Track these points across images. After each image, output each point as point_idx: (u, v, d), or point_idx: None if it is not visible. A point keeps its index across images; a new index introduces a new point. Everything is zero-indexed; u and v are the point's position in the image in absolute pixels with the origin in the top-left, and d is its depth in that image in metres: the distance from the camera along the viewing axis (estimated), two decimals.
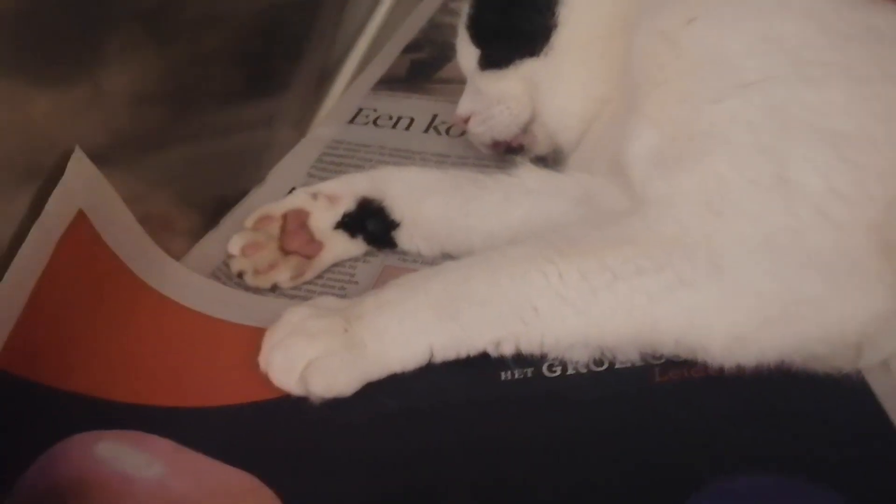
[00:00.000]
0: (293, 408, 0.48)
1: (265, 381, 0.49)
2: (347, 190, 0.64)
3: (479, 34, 0.67)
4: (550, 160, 0.67)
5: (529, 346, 0.49)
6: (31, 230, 0.47)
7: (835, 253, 0.45)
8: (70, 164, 0.51)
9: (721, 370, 0.47)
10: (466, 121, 0.69)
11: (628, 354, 0.50)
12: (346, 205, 0.63)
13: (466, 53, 0.69)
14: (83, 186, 0.52)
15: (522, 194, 0.60)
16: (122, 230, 0.55)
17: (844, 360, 0.47)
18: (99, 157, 0.55)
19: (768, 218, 0.46)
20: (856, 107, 0.47)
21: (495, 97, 0.66)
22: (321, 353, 0.48)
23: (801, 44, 0.50)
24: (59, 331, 0.50)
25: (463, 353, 0.49)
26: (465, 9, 0.69)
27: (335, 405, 0.48)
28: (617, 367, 0.50)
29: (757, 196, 0.47)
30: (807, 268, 0.45)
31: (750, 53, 0.50)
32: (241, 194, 0.72)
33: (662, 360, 0.50)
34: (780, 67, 0.49)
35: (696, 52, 0.52)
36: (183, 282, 0.59)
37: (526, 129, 0.67)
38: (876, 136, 0.46)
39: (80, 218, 0.51)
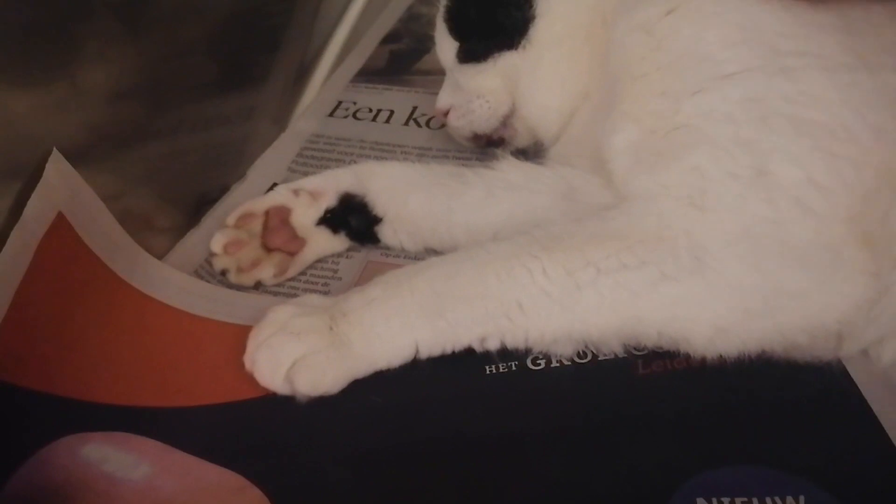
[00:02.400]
0: (279, 406, 0.48)
1: (250, 379, 0.49)
2: (329, 185, 0.64)
3: (456, 27, 0.67)
4: (531, 153, 0.67)
5: (514, 341, 0.49)
6: (12, 234, 0.47)
7: (815, 244, 0.46)
8: (48, 166, 0.50)
9: (703, 361, 0.48)
10: (446, 114, 0.69)
11: (612, 347, 0.50)
12: (329, 201, 0.63)
13: (445, 46, 0.68)
14: (62, 188, 0.51)
15: (505, 189, 0.61)
16: (102, 231, 0.55)
17: (825, 349, 0.48)
18: (77, 156, 0.54)
19: (748, 211, 0.47)
20: (832, 97, 0.48)
21: (474, 91, 0.66)
22: (307, 352, 0.48)
23: (777, 34, 0.50)
24: (42, 334, 0.49)
25: (448, 350, 0.50)
26: (442, 1, 0.69)
27: (321, 403, 0.48)
28: (600, 359, 0.51)
29: (737, 189, 0.47)
30: (787, 259, 0.46)
31: (727, 45, 0.51)
32: (222, 190, 0.72)
33: (645, 352, 0.50)
34: (757, 59, 0.50)
35: (675, 45, 0.52)
36: (165, 280, 0.58)
37: (506, 122, 0.67)
38: (852, 126, 0.47)
39: (60, 220, 0.51)
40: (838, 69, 0.48)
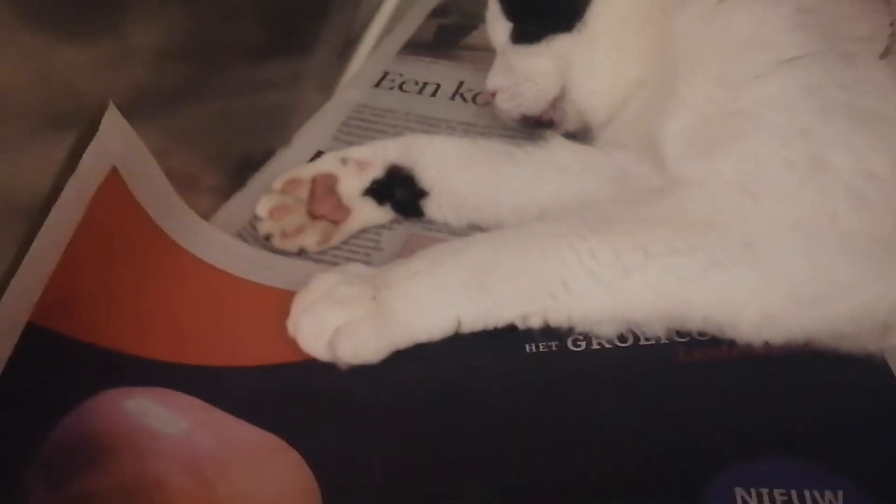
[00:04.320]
0: (319, 372, 0.49)
1: (291, 343, 0.49)
2: (377, 156, 0.63)
3: (511, 8, 0.66)
4: (579, 135, 0.66)
5: (557, 320, 0.49)
6: (67, 185, 0.47)
7: (868, 235, 0.45)
8: (104, 119, 0.51)
9: (746, 351, 0.48)
10: (494, 95, 0.68)
11: (656, 330, 0.50)
12: (376, 171, 0.63)
13: (497, 26, 0.68)
14: (117, 142, 0.52)
15: (554, 169, 0.60)
16: (153, 187, 0.55)
17: (871, 339, 0.47)
18: (125, 112, 0.54)
19: (803, 200, 0.46)
20: (891, 85, 0.47)
21: (525, 72, 0.66)
22: (350, 320, 0.49)
23: (837, 17, 0.49)
24: (91, 286, 0.50)
25: (490, 325, 0.49)
26: None
27: (361, 371, 0.49)
28: (641, 343, 0.50)
29: (793, 178, 0.47)
30: (840, 250, 0.45)
31: (786, 29, 0.50)
32: (267, 154, 0.72)
33: (687, 339, 0.50)
34: (817, 43, 0.49)
35: (733, 31, 0.52)
36: (210, 240, 0.59)
37: (555, 105, 0.66)
38: None
39: (114, 174, 0.51)
40: None
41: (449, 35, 0.92)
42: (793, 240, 0.46)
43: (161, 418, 0.45)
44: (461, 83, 0.82)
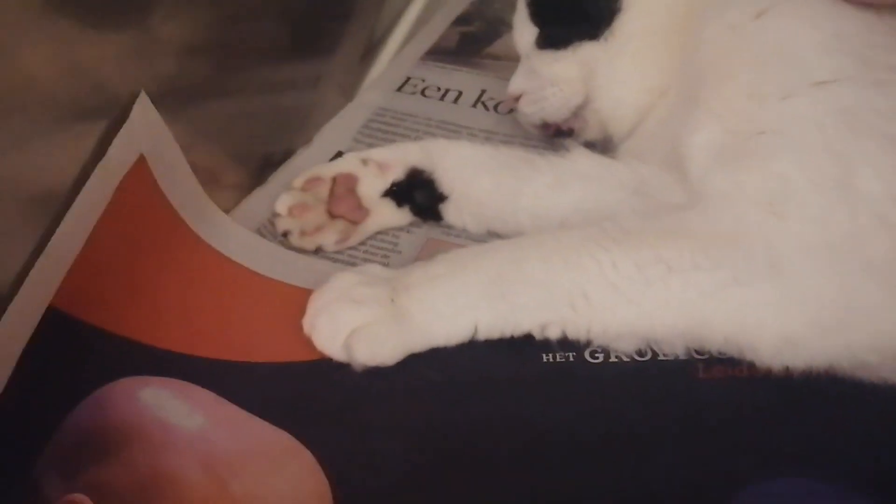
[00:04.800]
0: (333, 372, 0.49)
1: (306, 342, 0.49)
2: (398, 159, 0.63)
3: (539, 12, 0.66)
4: (600, 146, 0.66)
5: (576, 331, 0.49)
6: (95, 171, 0.47)
7: (894, 262, 0.45)
8: (135, 108, 0.51)
9: (768, 371, 0.47)
10: (517, 99, 0.68)
11: (675, 348, 0.49)
12: (396, 174, 0.63)
13: (524, 31, 0.68)
14: (146, 131, 0.52)
15: (575, 179, 0.60)
16: (178, 179, 0.55)
17: (892, 370, 0.47)
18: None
19: (831, 222, 0.46)
20: None
21: (549, 78, 0.65)
22: (367, 321, 0.48)
23: (871, 45, 0.49)
24: (112, 273, 0.50)
25: (508, 333, 0.49)
26: None
27: (376, 373, 0.48)
28: (660, 359, 0.50)
29: (821, 199, 0.46)
30: (866, 275, 0.45)
31: (821, 51, 0.49)
32: (287, 153, 0.72)
33: (706, 356, 0.49)
34: (850, 68, 0.49)
35: (766, 47, 0.51)
36: (230, 235, 0.58)
37: (577, 113, 0.66)
38: None
39: (141, 162, 0.51)
40: None
41: (472, 43, 0.92)
42: (818, 262, 0.45)
43: (176, 411, 0.45)
44: (483, 91, 0.82)
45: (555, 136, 0.68)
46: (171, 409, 0.45)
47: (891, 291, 0.45)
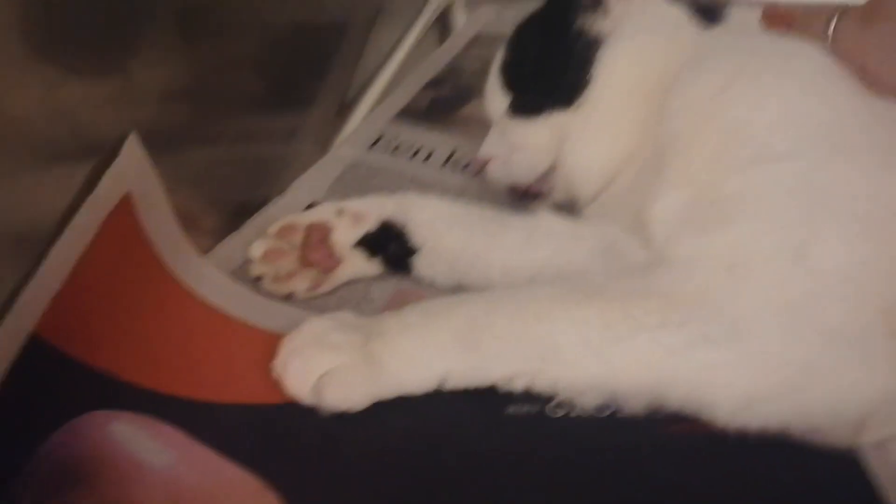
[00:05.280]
0: (301, 416, 0.49)
1: (276, 384, 0.50)
2: (372, 210, 0.65)
3: (512, 81, 0.69)
4: (566, 208, 0.68)
5: (543, 384, 0.50)
6: (83, 205, 0.48)
7: (850, 327, 0.47)
8: (125, 147, 0.52)
9: (724, 430, 0.49)
10: (487, 163, 0.70)
11: (638, 404, 0.50)
12: (369, 225, 0.64)
13: (496, 98, 0.70)
14: (133, 170, 0.53)
15: (545, 236, 0.62)
16: (160, 219, 0.56)
17: (844, 435, 0.49)
18: None
19: (789, 287, 0.48)
20: (876, 190, 0.49)
21: (520, 143, 0.68)
22: (338, 366, 0.49)
23: (827, 122, 0.52)
24: (92, 307, 0.50)
25: (476, 383, 0.50)
26: (499, 54, 0.71)
27: (343, 418, 0.49)
28: (620, 414, 0.51)
29: (779, 264, 0.49)
30: (821, 339, 0.47)
31: (781, 125, 0.52)
32: (262, 202, 0.73)
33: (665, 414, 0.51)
34: (807, 143, 0.51)
35: (728, 120, 0.54)
36: (207, 278, 0.59)
37: (546, 177, 0.68)
38: (893, 221, 0.48)
39: (127, 200, 0.52)
40: (883, 164, 0.50)
41: (442, 106, 0.95)
42: (776, 324, 0.47)
43: (146, 447, 0.45)
44: (454, 151, 0.84)
45: (523, 197, 0.71)
46: (140, 444, 0.45)
47: (844, 356, 0.47)
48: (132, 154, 0.52)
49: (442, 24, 1.25)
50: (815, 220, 0.49)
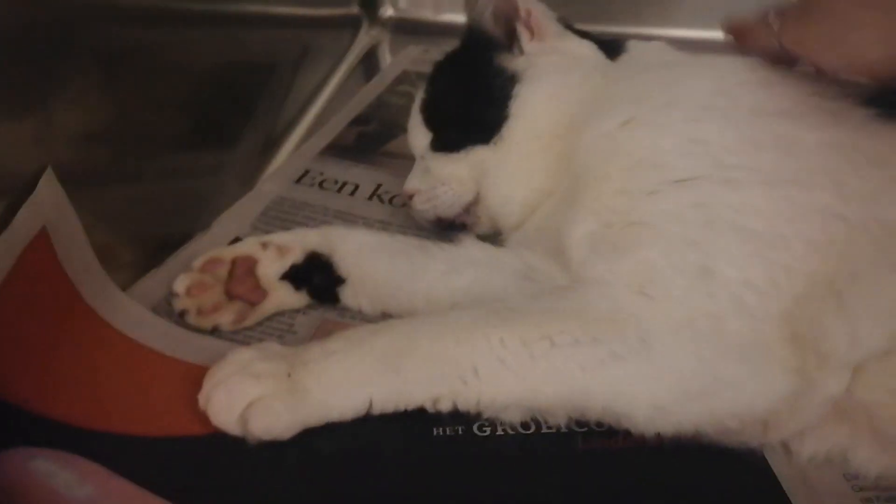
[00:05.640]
0: (225, 446, 0.49)
1: (199, 416, 0.49)
2: (298, 243, 0.65)
3: (432, 119, 0.72)
4: (490, 239, 0.70)
5: (466, 404, 0.51)
6: None
7: (749, 339, 0.50)
8: (41, 182, 0.52)
9: (640, 441, 0.51)
10: (412, 197, 0.72)
11: (558, 418, 0.53)
12: (295, 257, 0.65)
13: (418, 134, 0.73)
14: (50, 204, 0.52)
15: (467, 264, 0.64)
16: (78, 254, 0.55)
17: (752, 435, 0.52)
18: None
19: (692, 303, 0.51)
20: (769, 208, 0.52)
21: (442, 178, 0.70)
22: (264, 395, 0.49)
23: (722, 149, 0.55)
24: (9, 341, 0.49)
25: (401, 407, 0.51)
26: (420, 93, 0.74)
27: (269, 447, 0.49)
28: (543, 431, 0.53)
29: (683, 283, 0.51)
30: (724, 350, 0.50)
31: (678, 154, 0.55)
32: (185, 237, 0.73)
33: (585, 429, 0.53)
34: (704, 169, 0.54)
35: (633, 151, 0.57)
36: (126, 311, 0.59)
37: (469, 209, 0.71)
38: (787, 236, 0.51)
39: (43, 234, 0.52)
40: (775, 184, 0.53)
41: (368, 142, 0.97)
42: (682, 338, 0.50)
43: (66, 481, 0.45)
44: (379, 185, 0.86)
45: (448, 230, 0.72)
46: (61, 479, 0.45)
47: (746, 364, 0.50)
48: (48, 189, 0.52)
49: (369, 62, 1.28)
50: (714, 240, 0.52)
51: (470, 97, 0.69)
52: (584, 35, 0.71)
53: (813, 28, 0.55)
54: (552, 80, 0.66)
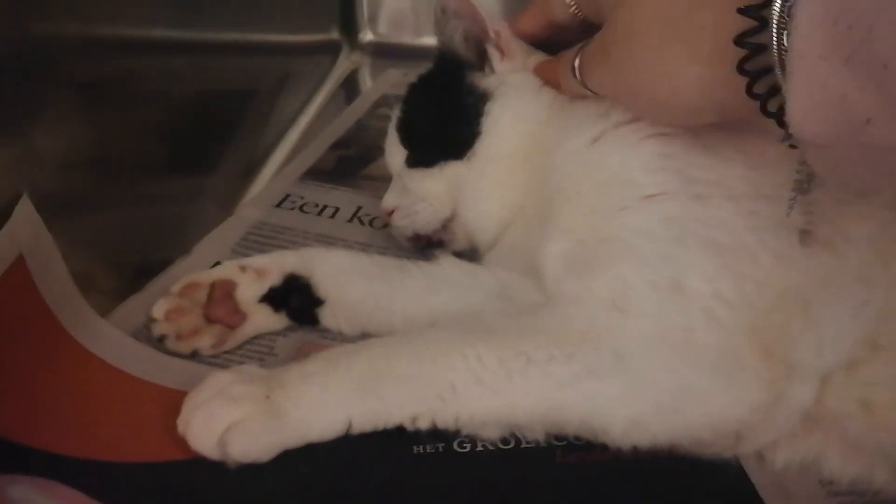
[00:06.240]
0: (205, 471, 0.49)
1: (179, 441, 0.49)
2: (276, 265, 0.66)
3: (407, 136, 0.73)
4: (467, 256, 0.71)
5: (445, 422, 0.51)
6: None
7: (720, 351, 0.51)
8: (17, 209, 0.52)
9: (618, 454, 0.52)
10: (391, 214, 0.73)
11: (536, 433, 0.53)
12: (273, 279, 0.65)
13: (395, 152, 0.74)
14: (26, 232, 0.53)
15: (444, 283, 0.64)
16: (55, 280, 0.56)
17: (726, 446, 0.52)
18: None
19: (664, 317, 0.52)
20: (737, 222, 0.53)
21: (419, 194, 0.71)
22: (242, 418, 0.49)
23: (690, 164, 0.56)
24: None
25: (380, 426, 0.51)
26: (395, 111, 0.75)
27: (249, 470, 0.49)
28: (523, 446, 0.54)
29: (655, 297, 0.52)
30: (696, 363, 0.50)
31: (648, 171, 0.56)
32: (165, 263, 0.73)
33: (564, 443, 0.54)
34: (673, 184, 0.55)
35: (603, 169, 0.58)
36: (105, 338, 0.59)
37: (446, 226, 0.71)
38: (755, 250, 0.52)
39: (20, 262, 0.52)
40: (742, 198, 0.54)
41: (348, 165, 0.98)
42: (655, 352, 0.51)
43: None
44: (359, 208, 0.86)
45: (426, 247, 0.73)
46: None
47: (719, 377, 0.51)
48: (24, 216, 0.52)
49: (349, 86, 1.29)
50: (684, 254, 0.53)
51: (443, 114, 0.70)
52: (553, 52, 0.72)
53: (613, 70, 0.54)
54: (522, 97, 0.67)
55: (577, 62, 0.58)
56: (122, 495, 0.47)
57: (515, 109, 0.67)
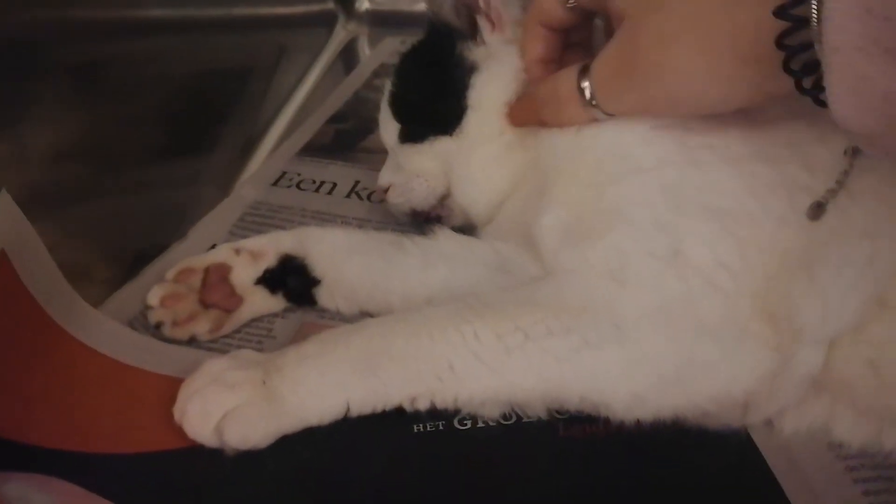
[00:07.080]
0: (204, 458, 0.49)
1: (177, 430, 0.49)
2: (270, 246, 0.65)
3: (398, 111, 0.71)
4: (465, 230, 0.69)
5: (444, 401, 0.51)
6: None
7: (723, 319, 0.49)
8: None
9: (621, 426, 0.51)
10: (387, 191, 0.72)
11: (536, 410, 0.52)
12: (269, 261, 0.65)
13: (388, 127, 0.72)
14: (7, 227, 0.52)
15: (441, 259, 0.63)
16: (42, 274, 0.55)
17: (732, 417, 0.51)
18: (18, 205, 0.55)
19: (664, 287, 0.50)
20: (736, 185, 0.52)
21: (414, 170, 0.70)
22: (239, 404, 0.49)
23: (685, 130, 0.54)
24: None
25: (379, 408, 0.51)
26: (387, 86, 0.73)
27: (248, 457, 0.49)
28: (524, 421, 0.53)
29: (654, 267, 0.51)
30: (698, 332, 0.49)
31: (643, 143, 0.54)
32: (161, 248, 0.73)
33: (566, 416, 0.53)
34: (670, 153, 0.54)
35: (598, 144, 0.56)
36: (99, 328, 0.58)
37: (442, 202, 0.70)
38: (756, 213, 0.51)
39: (2, 258, 0.51)
40: (741, 160, 0.52)
41: (346, 139, 0.96)
42: (655, 323, 0.50)
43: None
44: (357, 182, 0.85)
45: (424, 222, 0.72)
46: (35, 502, 0.44)
47: (722, 347, 0.50)
48: (5, 211, 0.52)
49: (347, 57, 1.27)
50: (683, 222, 0.51)
51: (432, 87, 0.68)
52: None
53: (641, 84, 0.51)
54: (506, 72, 0.64)
55: (585, 85, 0.54)
56: (120, 487, 0.47)
57: (499, 83, 0.65)
